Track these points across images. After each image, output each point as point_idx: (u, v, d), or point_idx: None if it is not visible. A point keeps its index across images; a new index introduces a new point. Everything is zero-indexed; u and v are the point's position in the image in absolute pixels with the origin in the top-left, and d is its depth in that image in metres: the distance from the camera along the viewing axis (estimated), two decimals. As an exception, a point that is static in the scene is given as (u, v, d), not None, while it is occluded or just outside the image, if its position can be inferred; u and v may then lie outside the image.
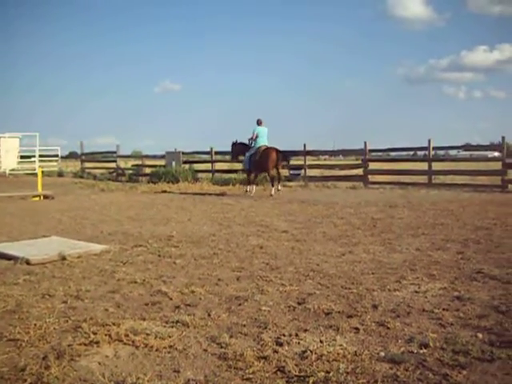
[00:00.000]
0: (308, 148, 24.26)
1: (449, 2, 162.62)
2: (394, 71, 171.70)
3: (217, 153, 27.07)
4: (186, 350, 4.04)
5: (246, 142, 19.48)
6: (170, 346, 4.11)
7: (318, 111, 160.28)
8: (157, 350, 4.03)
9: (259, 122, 18.94)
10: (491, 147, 24.95)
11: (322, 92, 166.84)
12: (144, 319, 4.76)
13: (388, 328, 4.47)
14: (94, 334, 4.31)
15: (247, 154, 19.16)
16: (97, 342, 4.15)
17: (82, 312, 4.98)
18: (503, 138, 20.17)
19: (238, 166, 25.40)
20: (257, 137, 18.77)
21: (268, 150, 18.52)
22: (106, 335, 4.29)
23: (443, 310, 4.94)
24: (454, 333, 4.33)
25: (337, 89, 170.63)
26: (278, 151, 18.55)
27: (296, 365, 3.68)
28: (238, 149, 20.10)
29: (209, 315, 4.87)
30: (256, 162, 18.66)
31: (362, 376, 3.50)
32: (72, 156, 42.29)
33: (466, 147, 22.67)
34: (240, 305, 5.21)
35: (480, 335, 4.27)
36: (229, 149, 21.36)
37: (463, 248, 8.04)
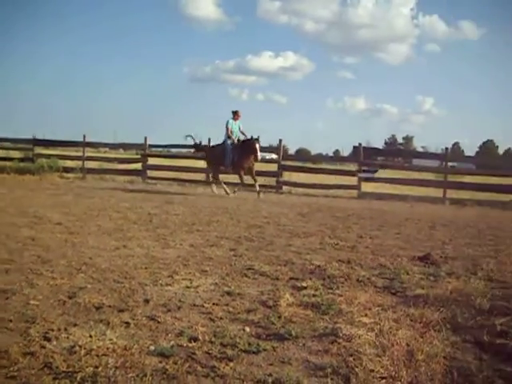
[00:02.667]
0: (88, 139, 23.77)
1: (239, 6, 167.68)
2: (181, 69, 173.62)
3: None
4: None
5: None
6: None
7: (99, 104, 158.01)
8: None
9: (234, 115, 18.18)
10: (269, 149, 25.99)
11: (99, 87, 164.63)
12: None
13: (159, 322, 4.48)
14: None
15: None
16: None
17: None
18: (280, 140, 21.11)
19: (14, 153, 24.35)
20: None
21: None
22: None
23: (213, 304, 5.05)
24: (223, 326, 4.43)
25: (122, 83, 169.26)
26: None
27: (64, 360, 3.57)
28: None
29: (-28, 310, 4.61)
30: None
31: (131, 370, 3.48)
32: None
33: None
34: (7, 299, 4.95)
35: (247, 329, 4.41)
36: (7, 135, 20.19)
37: (236, 245, 8.29)
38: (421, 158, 36.52)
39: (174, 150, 26.69)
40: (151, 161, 23.04)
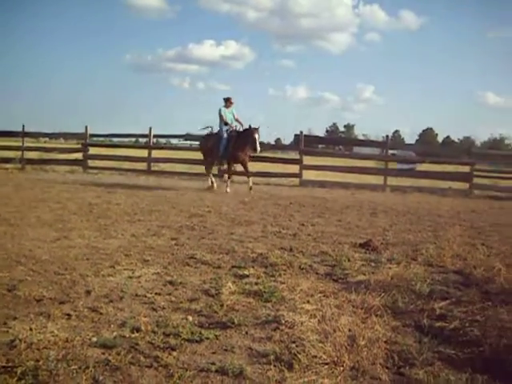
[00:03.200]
0: (27, 129, 23.33)
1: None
2: (123, 58, 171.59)
3: None
4: None
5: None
6: None
7: (39, 93, 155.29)
8: None
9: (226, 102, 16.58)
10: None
11: (42, 72, 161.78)
12: None
13: (101, 313, 4.45)
14: None
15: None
16: None
17: None
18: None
19: None
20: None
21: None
22: None
23: (156, 294, 5.04)
24: (166, 316, 4.43)
25: (62, 71, 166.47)
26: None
27: (3, 355, 3.53)
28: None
29: None
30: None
31: (74, 362, 3.45)
32: None
33: (187, 137, 23.30)
34: None
35: (190, 318, 4.43)
36: None
37: (178, 234, 8.28)
38: (362, 146, 37.07)
39: (115, 140, 26.39)
40: (92, 150, 22.76)
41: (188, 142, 25.64)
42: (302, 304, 4.85)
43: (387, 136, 22.29)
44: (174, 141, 27.95)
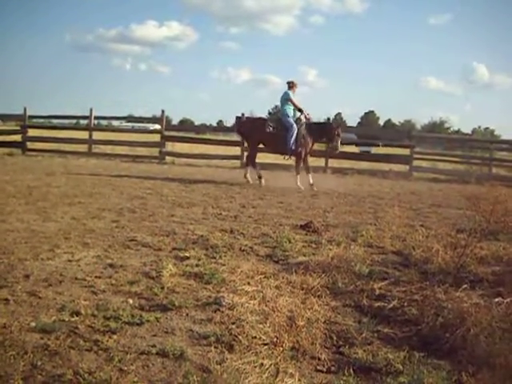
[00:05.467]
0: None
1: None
2: (63, 37, 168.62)
3: None
4: None
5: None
6: None
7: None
8: None
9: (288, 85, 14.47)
10: (153, 120, 25.77)
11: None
12: None
13: (40, 298, 4.41)
14: None
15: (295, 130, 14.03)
16: None
17: None
18: (163, 111, 20.97)
19: None
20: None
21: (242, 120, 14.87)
22: None
23: (96, 277, 5.01)
24: (106, 299, 4.42)
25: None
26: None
27: None
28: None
29: None
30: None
31: (11, 348, 3.41)
32: None
33: (129, 119, 23.12)
34: None
35: (131, 300, 4.43)
36: None
37: (118, 217, 8.22)
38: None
39: (55, 121, 25.97)
40: (31, 132, 22.35)
41: (130, 123, 25.45)
42: (243, 286, 4.87)
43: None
44: (115, 122, 27.73)
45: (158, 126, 23.08)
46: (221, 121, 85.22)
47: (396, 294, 4.87)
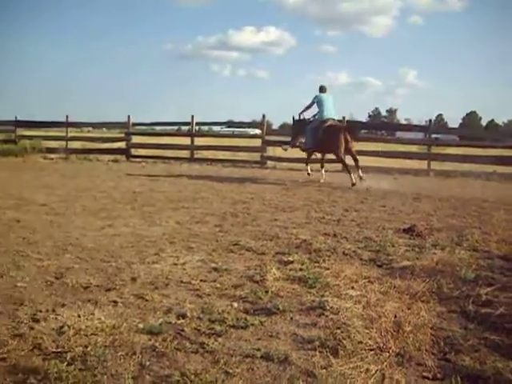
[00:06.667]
0: (70, 120, 23.59)
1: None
2: (163, 47, 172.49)
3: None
4: None
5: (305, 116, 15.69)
6: None
7: (84, 82, 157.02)
8: None
9: (323, 89, 15.15)
10: (253, 124, 25.97)
11: (84, 63, 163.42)
12: None
13: (146, 300, 4.50)
14: None
15: (308, 128, 15.12)
16: None
17: None
18: (263, 116, 21.03)
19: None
20: (319, 105, 14.98)
21: (334, 127, 14.86)
22: None
23: (201, 281, 5.08)
24: (211, 303, 4.47)
25: (104, 61, 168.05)
26: (347, 129, 15.02)
27: (53, 341, 3.59)
28: (299, 128, 15.78)
29: (-41, 294, 4.60)
30: (321, 141, 14.73)
31: (121, 348, 3.50)
32: None
33: (229, 124, 23.37)
34: (-6, 281, 4.98)
35: (235, 304, 4.45)
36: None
37: (222, 221, 8.31)
38: (404, 131, 36.58)
39: (158, 128, 26.56)
40: (135, 139, 22.93)
41: (230, 128, 25.72)
42: (347, 290, 4.84)
43: (430, 120, 21.92)
44: (215, 128, 28.05)
45: (258, 131, 23.20)
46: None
47: (503, 301, 4.70)
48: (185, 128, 25.44)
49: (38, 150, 22.80)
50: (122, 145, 22.69)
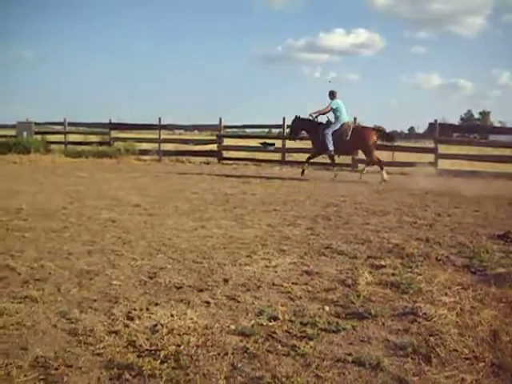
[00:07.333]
0: (163, 122, 24.03)
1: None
2: (253, 49, 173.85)
3: (70, 124, 26.03)
4: (35, 326, 3.91)
5: (307, 117, 16.74)
6: (18, 323, 3.95)
7: (174, 86, 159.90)
8: (3, 328, 3.86)
9: (335, 95, 16.17)
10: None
11: (176, 67, 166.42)
12: (-11, 295, 4.57)
13: (238, 301, 4.54)
14: None
15: (328, 132, 16.02)
16: None
17: None
18: (355, 118, 20.65)
19: (92, 137, 24.88)
20: (337, 111, 16.06)
21: (364, 130, 16.50)
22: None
23: (292, 283, 5.07)
24: (303, 306, 4.46)
25: (192, 64, 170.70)
26: (374, 130, 16.72)
27: (147, 339, 3.67)
28: (300, 125, 17.15)
29: (59, 290, 4.74)
30: (344, 142, 15.95)
31: (213, 349, 3.54)
32: None
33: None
34: (91, 279, 5.11)
35: (327, 308, 4.43)
36: (84, 120, 20.45)
37: (313, 224, 8.29)
38: (498, 134, 35.58)
39: (248, 131, 26.77)
40: (226, 141, 23.16)
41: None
42: (440, 296, 4.74)
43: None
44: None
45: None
46: (412, 127, 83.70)
47: None
48: (275, 130, 25.51)
49: (132, 151, 23.35)
50: (213, 147, 22.95)
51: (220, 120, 22.76)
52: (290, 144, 21.86)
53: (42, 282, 4.99)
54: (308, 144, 21.08)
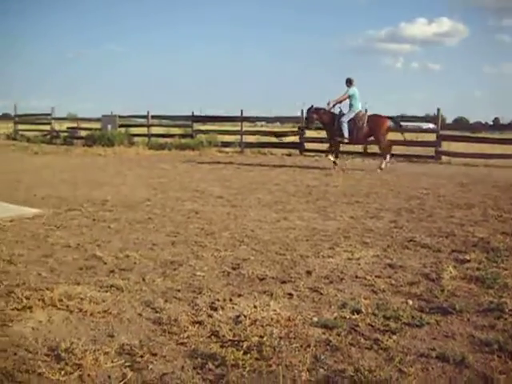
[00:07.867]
0: (245, 114, 24.15)
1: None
2: (334, 41, 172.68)
3: (153, 117, 26.46)
4: (121, 315, 4.03)
5: (324, 107, 16.77)
6: (105, 311, 4.08)
7: (256, 78, 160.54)
8: (91, 315, 4.00)
9: (352, 82, 16.07)
10: (426, 119, 25.37)
11: (262, 59, 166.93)
12: (78, 284, 4.71)
13: (321, 294, 4.55)
14: (27, 298, 4.23)
15: (344, 120, 16.01)
16: (30, 307, 4.08)
17: (15, 277, 4.87)
18: (438, 109, 20.45)
19: (174, 130, 25.22)
20: (353, 98, 16.04)
21: (379, 117, 16.53)
22: (39, 300, 4.22)
23: (375, 276, 5.05)
24: (386, 299, 4.44)
25: (275, 59, 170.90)
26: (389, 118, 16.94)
27: (230, 329, 3.72)
28: (316, 114, 16.99)
29: (143, 280, 4.86)
30: (360, 130, 16.01)
31: (295, 341, 3.56)
32: (5, 117, 41.05)
33: (401, 118, 22.90)
34: (175, 269, 5.21)
35: (410, 301, 4.39)
36: (165, 113, 20.70)
37: (396, 217, 8.21)
38: None
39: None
40: (308, 133, 23.08)
41: (403, 123, 25.28)
42: (528, 292, 4.63)
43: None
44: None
45: (431, 125, 22.65)
46: (497, 118, 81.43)
47: None
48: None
49: (214, 144, 23.55)
50: (295, 139, 22.92)
51: (302, 112, 22.67)
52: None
53: (128, 272, 5.12)
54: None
